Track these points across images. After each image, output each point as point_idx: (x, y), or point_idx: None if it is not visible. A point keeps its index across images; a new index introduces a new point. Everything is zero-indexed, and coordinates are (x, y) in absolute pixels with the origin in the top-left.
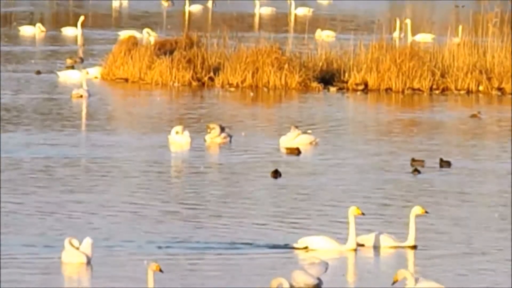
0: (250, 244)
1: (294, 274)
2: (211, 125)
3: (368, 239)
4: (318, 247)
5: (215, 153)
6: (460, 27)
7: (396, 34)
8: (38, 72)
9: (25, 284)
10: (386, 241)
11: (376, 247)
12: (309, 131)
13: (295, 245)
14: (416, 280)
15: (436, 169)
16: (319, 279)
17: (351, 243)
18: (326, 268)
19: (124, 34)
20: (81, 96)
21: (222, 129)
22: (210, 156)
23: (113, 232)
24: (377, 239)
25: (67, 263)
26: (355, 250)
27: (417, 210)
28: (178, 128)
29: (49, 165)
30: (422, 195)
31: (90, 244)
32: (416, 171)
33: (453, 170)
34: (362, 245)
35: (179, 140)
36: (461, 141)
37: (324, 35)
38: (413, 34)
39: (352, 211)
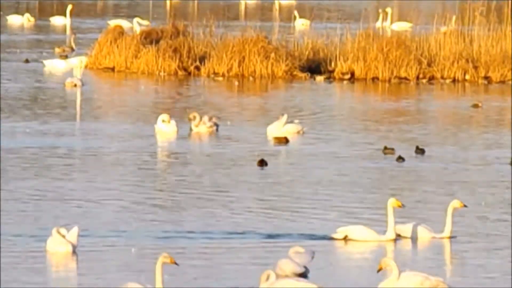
0: (289, 234)
1: (280, 263)
2: (191, 115)
3: (406, 230)
4: (357, 237)
5: (201, 142)
6: (454, 18)
7: (378, 24)
8: (27, 61)
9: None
10: (424, 232)
11: (413, 238)
12: (296, 121)
13: (333, 235)
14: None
15: (419, 158)
16: (305, 267)
17: (391, 233)
18: (312, 257)
19: (113, 23)
20: (75, 85)
21: (210, 119)
22: (196, 145)
23: (103, 221)
24: (414, 230)
25: (53, 252)
26: (394, 240)
27: (455, 203)
28: (165, 116)
29: (45, 154)
30: (407, 181)
31: (76, 233)
32: (401, 158)
33: (434, 158)
34: (399, 236)
35: (165, 129)
36: (452, 130)
37: (299, 24)
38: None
39: (392, 202)
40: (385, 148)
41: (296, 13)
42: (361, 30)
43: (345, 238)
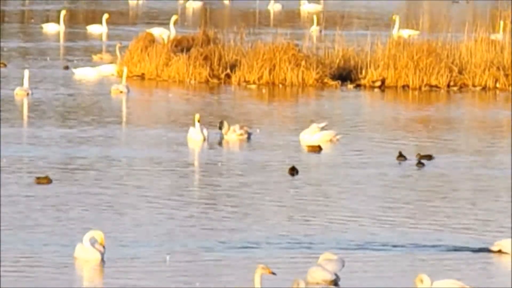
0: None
1: (310, 270)
2: (221, 124)
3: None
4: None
5: (232, 150)
6: (501, 24)
7: (395, 31)
8: (66, 68)
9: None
10: None
11: None
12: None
13: (491, 248)
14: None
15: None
16: (336, 275)
17: None
18: (343, 265)
19: (152, 31)
20: (121, 92)
21: (241, 127)
22: (228, 153)
23: (138, 231)
24: None
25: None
26: None
27: None
28: (197, 125)
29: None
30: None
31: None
32: (420, 163)
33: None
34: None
35: (196, 136)
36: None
37: (312, 30)
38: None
39: None
40: (400, 154)
41: (315, 18)
42: (389, 37)
43: (499, 251)
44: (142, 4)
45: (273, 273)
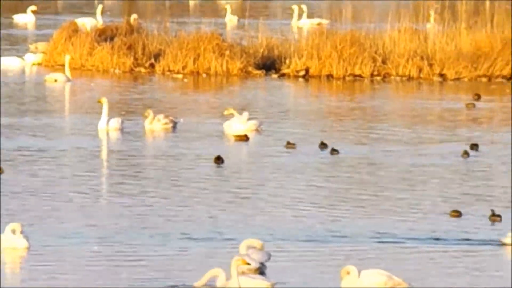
0: (445, 239)
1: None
2: (146, 112)
3: None
4: None
5: (155, 140)
6: (432, 14)
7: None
8: None
9: None
10: None
11: None
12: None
13: (503, 240)
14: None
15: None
16: (262, 264)
17: None
18: (269, 257)
19: (79, 21)
20: (55, 81)
21: (165, 117)
22: (152, 142)
23: (61, 222)
24: None
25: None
26: None
27: None
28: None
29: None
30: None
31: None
32: (335, 151)
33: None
34: None
35: (112, 126)
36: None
37: (228, 19)
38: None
39: None
40: (288, 143)
41: (228, 8)
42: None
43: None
44: None
45: (248, 264)
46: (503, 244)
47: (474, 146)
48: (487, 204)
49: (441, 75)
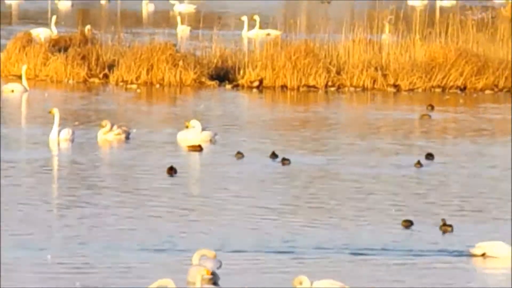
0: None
1: (190, 270)
2: (103, 122)
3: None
4: (496, 254)
5: (108, 150)
6: (387, 25)
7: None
8: None
9: None
10: None
11: None
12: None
13: (472, 251)
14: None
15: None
16: (214, 273)
17: None
18: (220, 265)
19: (35, 31)
20: (12, 91)
21: (119, 127)
22: (105, 153)
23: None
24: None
25: None
26: None
27: None
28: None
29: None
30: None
31: None
32: (286, 160)
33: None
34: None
35: (63, 136)
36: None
37: (180, 30)
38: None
39: None
40: (237, 152)
41: (179, 19)
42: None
43: (483, 255)
44: (17, 4)
45: (213, 274)
46: (473, 255)
47: (429, 156)
48: (439, 214)
49: (395, 85)
